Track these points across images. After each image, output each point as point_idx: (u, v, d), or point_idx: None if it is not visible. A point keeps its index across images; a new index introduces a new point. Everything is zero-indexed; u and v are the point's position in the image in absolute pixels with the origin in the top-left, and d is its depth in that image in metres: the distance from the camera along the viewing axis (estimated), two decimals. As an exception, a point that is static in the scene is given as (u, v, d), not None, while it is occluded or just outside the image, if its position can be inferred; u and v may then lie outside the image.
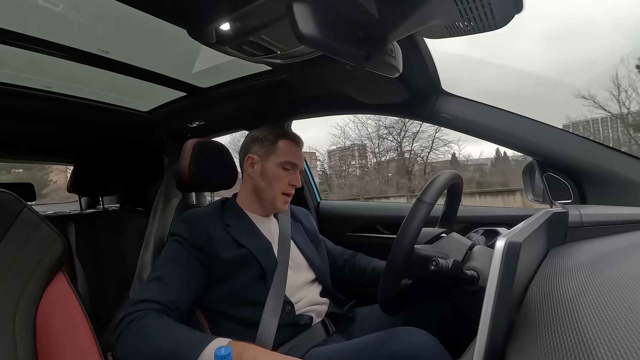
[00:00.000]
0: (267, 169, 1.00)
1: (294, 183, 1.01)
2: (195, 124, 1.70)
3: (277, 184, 0.99)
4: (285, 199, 1.01)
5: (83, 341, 0.63)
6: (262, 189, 1.00)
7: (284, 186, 0.99)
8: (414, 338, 0.76)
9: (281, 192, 1.00)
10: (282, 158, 0.99)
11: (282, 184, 0.99)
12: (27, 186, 1.90)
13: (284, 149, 1.00)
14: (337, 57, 0.63)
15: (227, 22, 0.68)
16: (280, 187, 0.99)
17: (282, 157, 0.99)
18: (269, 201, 1.00)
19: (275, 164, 0.99)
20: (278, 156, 1.00)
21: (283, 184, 0.99)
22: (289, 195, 1.01)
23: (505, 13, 0.57)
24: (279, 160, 0.99)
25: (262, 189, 1.00)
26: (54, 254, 0.67)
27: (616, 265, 0.50)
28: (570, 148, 1.02)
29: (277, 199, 1.00)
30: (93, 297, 1.57)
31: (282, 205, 1.01)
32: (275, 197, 0.99)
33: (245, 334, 0.79)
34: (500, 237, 0.41)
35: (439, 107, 1.14)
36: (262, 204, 1.02)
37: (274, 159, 1.00)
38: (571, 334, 0.33)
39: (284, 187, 1.00)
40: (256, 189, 1.02)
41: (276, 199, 1.00)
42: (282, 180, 0.99)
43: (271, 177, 0.99)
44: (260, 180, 1.01)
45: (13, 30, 0.94)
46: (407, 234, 0.71)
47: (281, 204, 1.00)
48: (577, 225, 0.93)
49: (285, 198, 1.01)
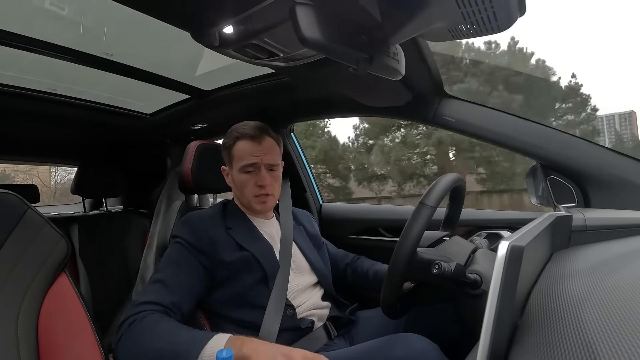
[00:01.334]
0: (234, 178, 1.00)
1: (259, 183, 0.96)
2: (198, 126, 1.71)
3: (245, 191, 0.98)
4: (260, 199, 0.98)
5: (85, 342, 0.63)
6: (239, 197, 1.02)
7: (252, 190, 0.97)
8: (414, 344, 0.75)
9: (253, 196, 0.98)
10: (240, 162, 0.97)
11: (249, 189, 0.97)
12: (31, 188, 1.92)
13: (240, 151, 0.97)
14: (339, 60, 0.64)
15: (231, 25, 0.69)
16: (249, 193, 0.97)
17: (240, 162, 0.97)
18: (248, 206, 1.01)
19: (237, 171, 0.98)
20: (237, 161, 0.97)
21: (250, 188, 0.97)
22: (264, 195, 0.98)
23: (508, 16, 0.57)
24: (238, 165, 0.97)
25: (239, 197, 1.02)
26: (57, 255, 0.67)
27: (620, 269, 0.50)
28: (574, 151, 1.01)
29: (252, 204, 0.99)
30: (96, 299, 1.57)
31: (261, 205, 0.99)
32: (250, 202, 0.99)
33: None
34: (503, 240, 0.41)
35: (442, 109, 1.14)
36: (250, 209, 1.02)
37: (236, 166, 0.98)
38: (574, 339, 0.33)
39: (253, 191, 0.97)
40: (237, 197, 1.03)
41: (251, 204, 0.99)
42: (248, 186, 0.97)
43: (239, 185, 0.99)
44: (235, 189, 1.02)
45: (19, 33, 0.95)
46: (409, 237, 0.71)
47: (259, 205, 0.99)
48: (581, 229, 0.92)
49: (260, 199, 0.98)
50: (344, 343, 0.95)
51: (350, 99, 1.16)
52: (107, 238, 1.78)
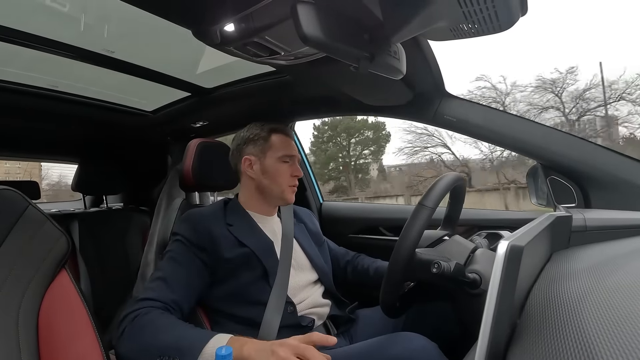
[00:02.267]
0: (267, 166, 1.00)
1: (296, 174, 1.02)
2: (199, 124, 1.71)
3: (280, 179, 1.00)
4: (293, 189, 1.03)
5: (85, 339, 0.63)
6: (266, 187, 1.01)
7: (287, 179, 1.01)
8: (413, 343, 0.76)
9: (288, 185, 1.01)
10: (279, 152, 1.00)
11: (285, 178, 1.00)
12: (31, 184, 1.92)
13: (279, 143, 1.01)
14: (340, 59, 0.63)
15: (232, 23, 0.69)
16: (285, 181, 1.00)
17: (279, 152, 1.00)
18: (277, 196, 1.01)
19: (274, 160, 1.00)
20: (275, 151, 1.00)
21: (286, 177, 1.00)
22: (295, 186, 1.03)
23: (510, 15, 0.57)
24: (276, 155, 1.00)
25: (266, 187, 1.01)
26: (57, 252, 0.67)
27: (620, 270, 0.50)
28: (575, 151, 1.01)
29: (285, 192, 1.01)
30: (96, 296, 1.58)
31: (291, 196, 1.03)
32: (283, 192, 1.00)
33: (246, 334, 0.79)
34: (503, 240, 0.41)
35: (443, 109, 1.14)
36: (268, 201, 1.03)
37: (272, 155, 1.00)
38: (574, 339, 0.33)
39: (288, 180, 1.01)
40: (260, 188, 1.02)
41: (284, 193, 1.01)
42: (284, 174, 1.00)
43: (273, 173, 1.00)
44: (263, 178, 1.01)
45: (20, 30, 0.95)
46: (407, 238, 0.71)
47: (290, 195, 1.02)
48: (581, 229, 0.92)
49: (292, 189, 1.02)
50: (343, 341, 0.96)
51: (351, 97, 1.16)
52: (107, 235, 1.78)
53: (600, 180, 0.98)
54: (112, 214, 1.92)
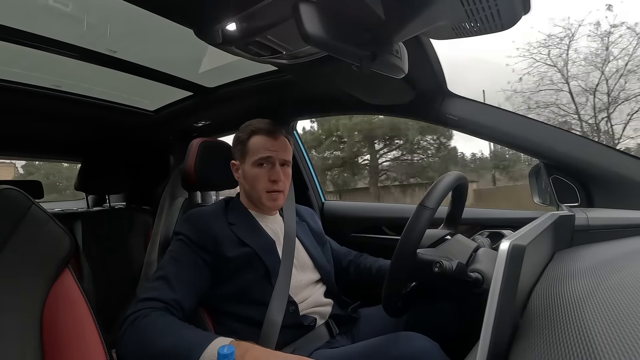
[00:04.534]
0: (246, 172, 0.99)
1: (273, 178, 0.97)
2: (201, 123, 1.71)
3: (257, 185, 0.97)
4: (272, 196, 0.98)
5: (88, 338, 0.63)
6: (249, 192, 1.01)
7: (264, 185, 0.97)
8: (415, 343, 0.76)
9: (265, 191, 0.98)
10: (255, 156, 0.97)
11: (262, 183, 0.97)
12: (34, 184, 1.93)
13: (255, 145, 0.98)
14: (342, 58, 0.63)
15: (234, 22, 0.69)
16: (261, 187, 0.97)
17: (255, 155, 0.98)
18: (257, 201, 1.00)
19: (250, 165, 0.98)
20: (251, 155, 0.98)
21: (263, 182, 0.97)
22: (275, 192, 0.98)
23: (513, 14, 0.57)
24: (252, 159, 0.98)
25: (249, 192, 1.01)
26: (61, 251, 0.67)
27: (623, 269, 0.50)
28: (578, 150, 1.01)
29: (263, 199, 0.98)
30: (99, 295, 1.58)
31: (272, 203, 0.99)
32: (260, 198, 0.98)
33: (248, 333, 0.80)
34: (505, 239, 0.41)
35: (445, 108, 1.14)
36: (258, 205, 1.02)
37: (249, 160, 0.98)
38: (576, 339, 0.33)
39: (265, 186, 0.97)
40: (246, 192, 1.03)
41: (262, 199, 0.98)
42: (261, 180, 0.97)
43: (250, 179, 0.98)
44: (245, 183, 1.01)
45: (23, 30, 0.96)
46: (409, 240, 0.71)
47: (270, 202, 0.98)
48: (584, 228, 0.92)
49: (271, 195, 0.98)
50: (345, 340, 0.96)
51: (353, 96, 1.16)
52: (110, 234, 1.79)
53: (604, 179, 0.98)
54: (115, 214, 1.92)
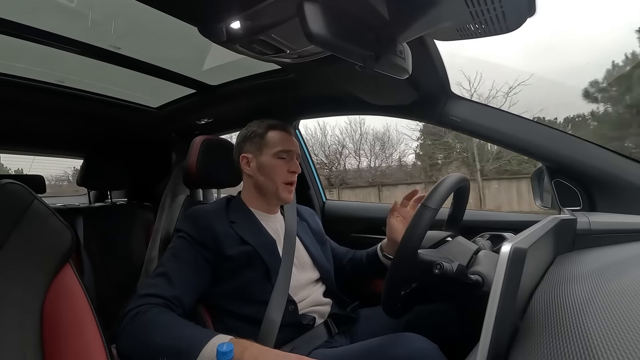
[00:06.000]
0: (263, 163, 1.00)
1: (293, 169, 1.00)
2: (203, 121, 1.71)
3: (276, 175, 0.99)
4: (288, 188, 1.01)
5: (88, 333, 0.64)
6: (263, 184, 1.01)
7: (283, 176, 0.99)
8: (414, 344, 0.76)
9: (283, 182, 0.99)
10: (275, 148, 0.99)
11: (281, 174, 0.99)
12: (37, 178, 1.94)
13: (275, 138, 1.01)
14: (346, 58, 0.63)
15: (238, 21, 0.69)
16: (280, 178, 0.99)
17: (275, 147, 1.00)
18: (272, 194, 1.00)
19: (270, 156, 1.00)
20: (270, 148, 1.00)
21: (282, 173, 0.99)
22: (291, 184, 1.01)
23: (518, 16, 0.57)
24: (272, 151, 0.99)
25: (263, 184, 1.01)
26: (62, 246, 0.67)
27: (624, 274, 0.50)
28: (580, 154, 1.00)
29: (280, 190, 0.99)
30: (99, 290, 1.58)
31: (287, 195, 1.01)
32: (277, 189, 0.99)
33: (248, 331, 0.80)
34: (506, 242, 0.40)
35: (448, 109, 1.13)
36: (267, 199, 1.03)
37: (267, 152, 1.00)
38: (576, 343, 0.33)
39: (284, 177, 0.99)
40: (257, 186, 1.02)
41: (279, 190, 0.99)
42: (280, 170, 0.99)
43: (269, 169, 0.99)
44: (259, 176, 1.01)
45: (28, 25, 0.96)
46: (410, 239, 0.71)
47: (285, 194, 1.00)
48: (586, 232, 0.91)
49: (288, 187, 1.01)
50: (344, 340, 0.96)
51: (356, 96, 1.16)
52: (111, 230, 1.79)
53: (606, 183, 0.98)
54: (117, 210, 1.93)
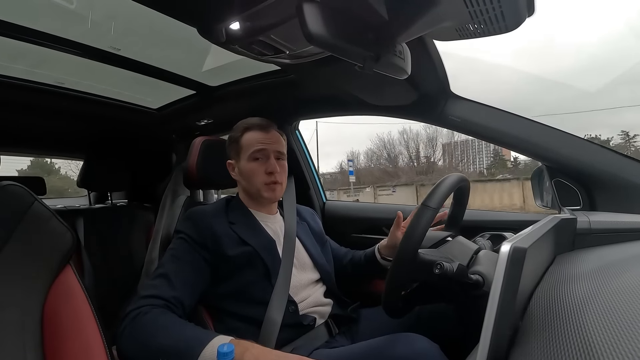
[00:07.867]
0: (242, 168, 1.01)
1: (269, 170, 0.98)
2: (203, 122, 1.72)
3: (254, 179, 0.99)
4: (270, 187, 0.99)
5: (89, 334, 0.64)
6: (247, 188, 1.02)
7: (262, 177, 0.99)
8: (415, 344, 0.76)
9: (263, 184, 0.99)
10: (249, 150, 0.99)
11: (259, 176, 0.99)
12: (37, 180, 1.94)
13: (249, 140, 1.00)
14: (345, 58, 0.63)
15: (237, 22, 0.69)
16: (258, 180, 0.99)
17: (249, 150, 0.99)
18: (258, 196, 1.01)
19: (246, 160, 1.00)
20: (245, 151, 1.00)
21: (260, 175, 0.99)
22: (273, 183, 0.99)
23: (517, 16, 0.57)
24: (246, 154, 0.99)
25: (247, 188, 1.02)
26: (62, 247, 0.68)
27: (624, 273, 0.50)
28: (581, 154, 1.00)
29: (262, 191, 0.99)
30: (100, 292, 1.58)
31: (271, 193, 1.00)
32: (259, 190, 0.99)
33: (248, 332, 0.80)
34: (506, 241, 0.40)
35: (448, 109, 1.13)
36: (258, 201, 1.03)
37: (243, 156, 1.00)
38: (576, 343, 0.33)
39: (262, 179, 0.99)
40: (244, 189, 1.04)
41: (261, 192, 0.99)
42: (257, 173, 0.99)
43: (247, 174, 1.00)
44: (242, 180, 1.02)
45: (28, 27, 0.96)
46: (411, 239, 0.71)
47: (268, 193, 0.99)
48: (586, 232, 0.91)
49: (270, 187, 0.99)
50: (345, 341, 0.96)
51: (355, 97, 1.16)
52: (112, 231, 1.79)
53: (606, 182, 0.98)
54: (117, 211, 1.93)
